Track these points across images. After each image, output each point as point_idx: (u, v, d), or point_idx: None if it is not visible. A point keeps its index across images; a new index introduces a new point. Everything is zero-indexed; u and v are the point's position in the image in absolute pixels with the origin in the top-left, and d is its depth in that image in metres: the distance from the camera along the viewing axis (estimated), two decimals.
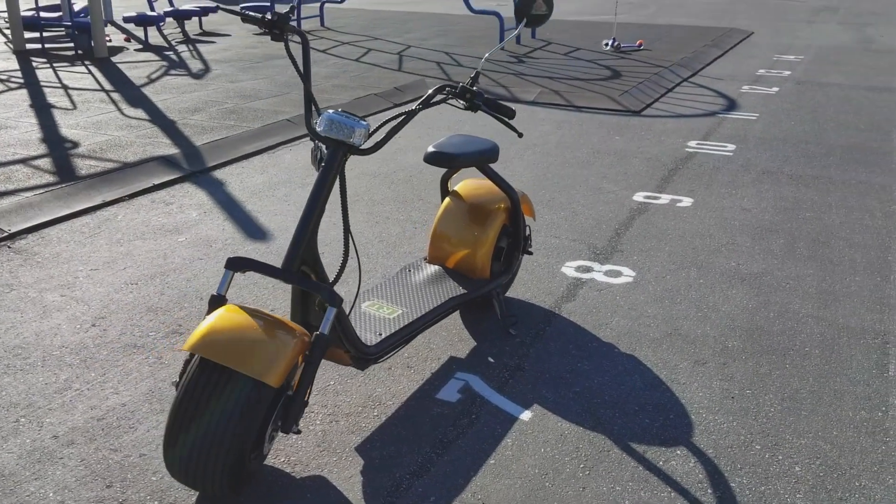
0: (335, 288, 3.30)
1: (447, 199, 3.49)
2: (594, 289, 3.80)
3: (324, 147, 2.67)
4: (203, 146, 5.85)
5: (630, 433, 2.73)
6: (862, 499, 2.42)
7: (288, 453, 2.62)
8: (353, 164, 5.72)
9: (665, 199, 5.08)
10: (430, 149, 3.15)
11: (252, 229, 4.50)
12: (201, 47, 10.47)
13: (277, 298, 3.68)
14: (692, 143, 6.40)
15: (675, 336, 3.37)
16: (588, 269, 4.01)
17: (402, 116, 2.66)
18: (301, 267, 2.49)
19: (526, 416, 2.83)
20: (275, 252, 4.19)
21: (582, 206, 4.91)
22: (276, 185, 5.24)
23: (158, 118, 6.63)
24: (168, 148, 5.77)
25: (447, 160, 3.11)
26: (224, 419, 2.18)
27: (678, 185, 5.36)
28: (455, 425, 2.78)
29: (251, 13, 2.67)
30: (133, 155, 5.58)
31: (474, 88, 2.72)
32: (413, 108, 2.66)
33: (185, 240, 4.34)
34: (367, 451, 2.64)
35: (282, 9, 2.93)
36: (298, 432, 2.38)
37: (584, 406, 2.89)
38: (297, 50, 9.09)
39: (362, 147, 2.59)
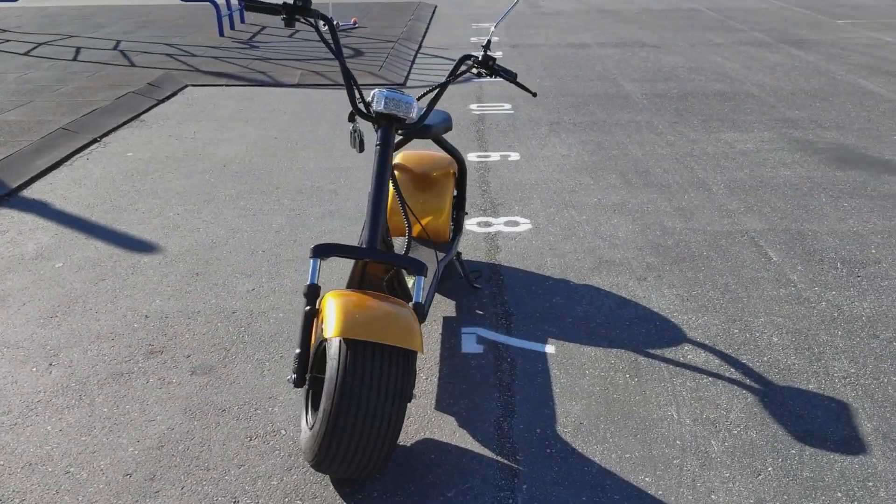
0: None
1: (395, 173, 3.63)
2: (509, 238, 4.19)
3: (361, 129, 2.73)
4: None
5: (638, 343, 3.20)
6: (831, 349, 3.13)
7: None
8: (176, 167, 5.45)
9: (495, 155, 5.59)
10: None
11: (128, 242, 4.19)
12: None
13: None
14: (473, 106, 6.98)
15: (605, 263, 3.89)
16: (489, 224, 4.38)
17: (437, 89, 2.81)
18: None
19: (550, 349, 3.16)
20: (178, 260, 3.98)
21: None
22: (108, 196, 4.85)
23: None
24: None
25: (424, 131, 3.28)
26: (389, 394, 2.24)
27: (495, 142, 5.89)
28: (500, 370, 3.03)
29: (265, 1, 2.63)
30: None
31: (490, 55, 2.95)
32: (444, 80, 2.82)
33: (65, 265, 3.94)
34: (448, 408, 2.80)
35: None
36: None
37: (587, 331, 3.29)
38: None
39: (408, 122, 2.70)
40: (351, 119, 2.75)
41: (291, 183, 5.05)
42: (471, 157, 5.55)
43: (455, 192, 3.74)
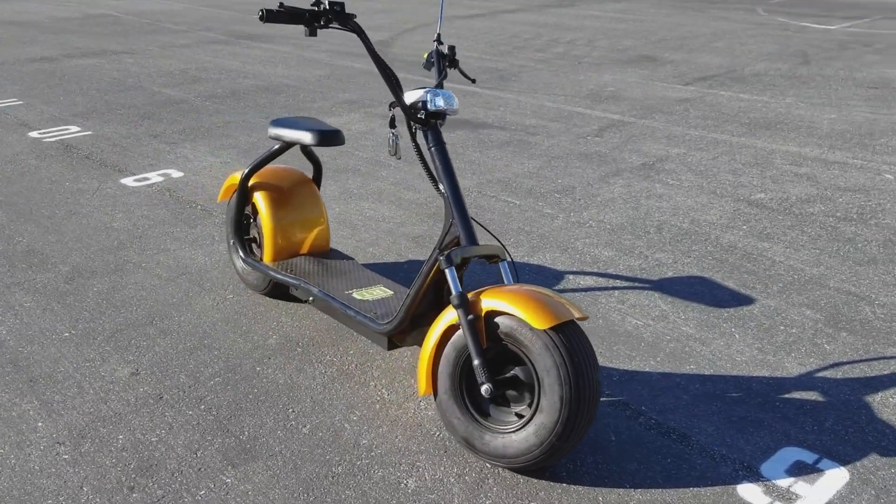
0: None
1: (263, 194, 3.33)
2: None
3: (397, 134, 2.63)
4: None
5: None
6: (644, 247, 4.05)
7: None
8: None
9: (155, 176, 5.08)
10: (310, 134, 3.09)
11: None
12: None
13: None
14: (35, 134, 6.01)
15: (417, 239, 4.14)
16: None
17: (438, 85, 2.79)
18: None
19: None
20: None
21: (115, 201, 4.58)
22: None
23: None
24: None
25: (336, 137, 3.13)
26: (594, 363, 2.38)
27: (135, 164, 5.30)
28: None
29: (294, 7, 2.33)
30: None
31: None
32: (439, 80, 2.81)
33: None
34: None
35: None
36: None
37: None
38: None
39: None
40: (392, 125, 2.62)
41: (54, 235, 3.89)
42: (127, 181, 4.95)
43: None
